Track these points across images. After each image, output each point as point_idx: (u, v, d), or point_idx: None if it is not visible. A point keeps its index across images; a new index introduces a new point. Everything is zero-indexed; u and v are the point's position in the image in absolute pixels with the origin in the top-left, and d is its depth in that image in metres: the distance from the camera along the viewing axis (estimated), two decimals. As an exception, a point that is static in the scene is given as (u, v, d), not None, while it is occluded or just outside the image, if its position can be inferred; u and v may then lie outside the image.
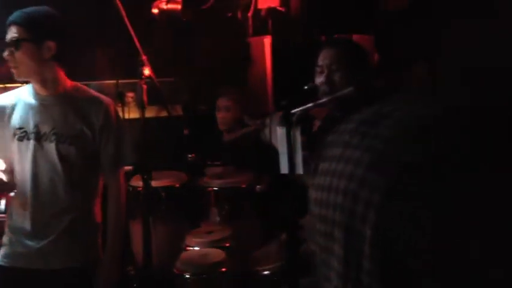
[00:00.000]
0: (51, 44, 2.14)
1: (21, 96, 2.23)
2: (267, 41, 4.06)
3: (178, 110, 4.21)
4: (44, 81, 2.19)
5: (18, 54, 2.11)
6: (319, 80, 2.13)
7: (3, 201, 2.59)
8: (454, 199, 0.57)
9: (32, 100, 2.21)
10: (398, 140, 0.62)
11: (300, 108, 2.09)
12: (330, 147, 0.71)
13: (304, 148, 1.92)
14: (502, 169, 0.59)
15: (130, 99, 3.59)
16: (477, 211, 0.56)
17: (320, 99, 2.07)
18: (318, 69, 2.15)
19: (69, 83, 2.25)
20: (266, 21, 4.17)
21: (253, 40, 4.25)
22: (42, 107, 2.19)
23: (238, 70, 4.24)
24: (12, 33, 2.12)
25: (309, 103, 2.05)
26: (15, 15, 2.15)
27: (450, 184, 0.57)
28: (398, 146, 0.61)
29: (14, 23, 2.13)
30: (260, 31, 4.20)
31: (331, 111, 2.23)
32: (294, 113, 2.12)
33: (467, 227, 0.56)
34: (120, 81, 3.58)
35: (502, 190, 0.57)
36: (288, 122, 2.14)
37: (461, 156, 0.59)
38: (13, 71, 2.15)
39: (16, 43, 2.10)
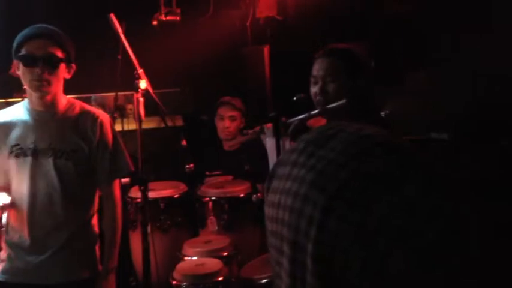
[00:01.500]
0: (74, 65, 2.24)
1: (17, 113, 2.25)
2: (266, 50, 4.08)
3: (181, 121, 4.24)
4: (47, 98, 2.20)
5: (54, 72, 2.14)
6: (313, 89, 2.10)
7: (4, 215, 2.64)
8: (383, 213, 0.60)
9: (28, 117, 2.23)
10: (338, 159, 0.65)
11: (295, 119, 2.08)
12: (281, 165, 0.75)
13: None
14: (426, 190, 0.62)
15: (129, 111, 3.63)
16: (405, 228, 0.60)
17: (314, 109, 2.05)
18: (313, 80, 2.11)
19: (64, 98, 2.28)
20: (264, 30, 4.21)
21: (252, 49, 4.28)
22: (39, 123, 2.21)
23: (237, 79, 4.27)
24: (47, 50, 2.11)
25: (303, 113, 2.04)
26: (47, 31, 2.15)
27: (381, 199, 0.61)
28: (338, 164, 0.65)
29: (49, 39, 2.13)
30: (259, 40, 4.24)
31: (328, 121, 2.21)
32: (290, 123, 2.12)
33: (393, 241, 0.59)
34: (120, 93, 3.62)
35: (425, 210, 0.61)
36: (277, 133, 2.15)
37: (389, 174, 0.63)
38: (41, 83, 2.13)
39: (56, 62, 2.14)
